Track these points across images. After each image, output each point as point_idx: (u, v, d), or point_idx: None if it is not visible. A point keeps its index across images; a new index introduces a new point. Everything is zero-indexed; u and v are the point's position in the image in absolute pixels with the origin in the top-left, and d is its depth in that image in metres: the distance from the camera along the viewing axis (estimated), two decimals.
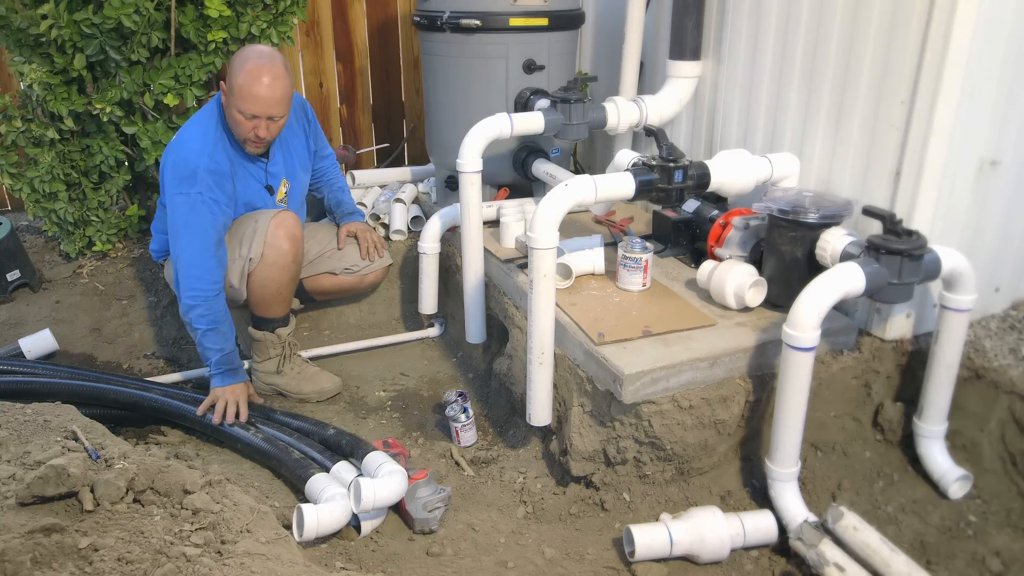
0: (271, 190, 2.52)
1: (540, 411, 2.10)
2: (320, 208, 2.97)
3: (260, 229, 2.40)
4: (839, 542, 1.75)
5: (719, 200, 2.46)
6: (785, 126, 2.37)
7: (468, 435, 2.41)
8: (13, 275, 3.00)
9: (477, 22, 2.69)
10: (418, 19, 2.87)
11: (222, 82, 2.29)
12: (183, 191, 2.26)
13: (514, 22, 2.71)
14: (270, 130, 2.30)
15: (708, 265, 2.21)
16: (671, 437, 1.96)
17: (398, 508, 2.03)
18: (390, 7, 3.82)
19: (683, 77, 2.70)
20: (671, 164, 2.11)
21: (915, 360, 2.13)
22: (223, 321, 2.33)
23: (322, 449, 2.20)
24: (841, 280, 1.78)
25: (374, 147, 4.00)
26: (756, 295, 2.13)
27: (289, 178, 2.59)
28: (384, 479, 1.93)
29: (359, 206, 3.28)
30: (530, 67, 2.80)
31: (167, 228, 2.38)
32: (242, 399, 2.32)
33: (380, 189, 3.49)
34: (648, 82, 3.03)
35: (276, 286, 2.47)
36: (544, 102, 2.66)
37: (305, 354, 2.80)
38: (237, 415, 2.29)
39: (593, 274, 2.41)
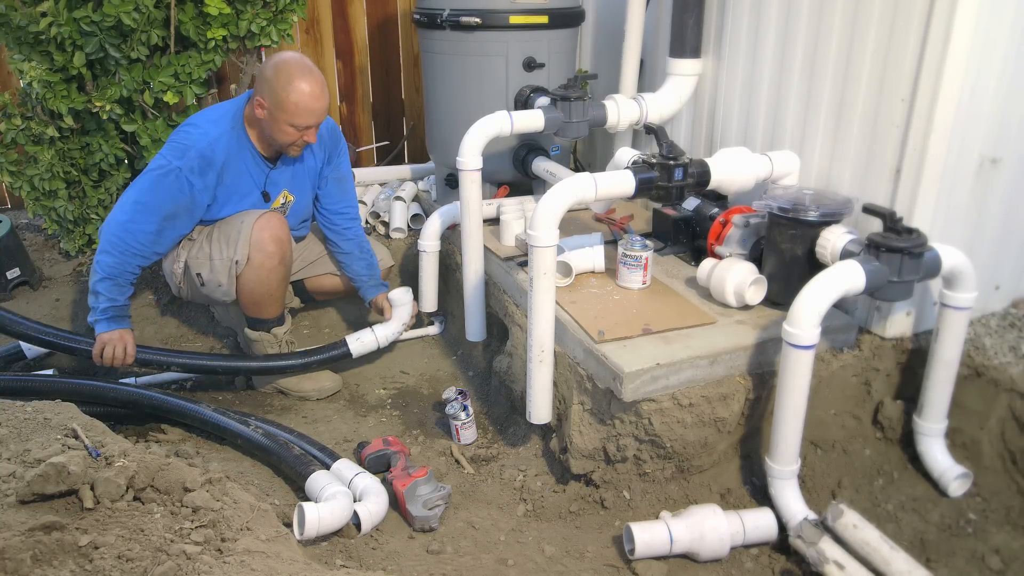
0: (267, 197, 2.51)
1: (540, 409, 2.10)
2: None
3: (245, 231, 2.39)
4: (839, 540, 1.75)
5: (719, 198, 2.46)
6: (785, 124, 2.37)
7: (468, 433, 2.41)
8: (13, 273, 3.00)
9: (477, 20, 2.68)
10: (418, 17, 2.86)
11: (259, 98, 2.27)
12: (168, 157, 2.31)
13: (514, 20, 2.71)
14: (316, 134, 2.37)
15: (708, 263, 2.21)
16: (671, 435, 1.96)
17: (398, 506, 2.03)
18: (390, 5, 3.81)
19: (683, 75, 2.69)
20: (671, 162, 2.11)
21: (915, 358, 2.13)
22: (125, 280, 2.36)
23: (322, 446, 2.20)
24: (841, 278, 1.78)
25: (374, 145, 4.00)
26: (756, 293, 2.13)
27: (295, 192, 2.57)
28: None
29: (358, 204, 3.28)
30: (530, 65, 2.80)
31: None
32: (129, 342, 2.37)
33: (380, 187, 3.49)
34: (648, 80, 3.03)
35: (265, 288, 2.46)
36: (544, 100, 2.66)
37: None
38: (125, 357, 2.37)
39: (593, 272, 2.41)
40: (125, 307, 2.40)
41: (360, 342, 2.66)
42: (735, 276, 2.12)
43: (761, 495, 2.02)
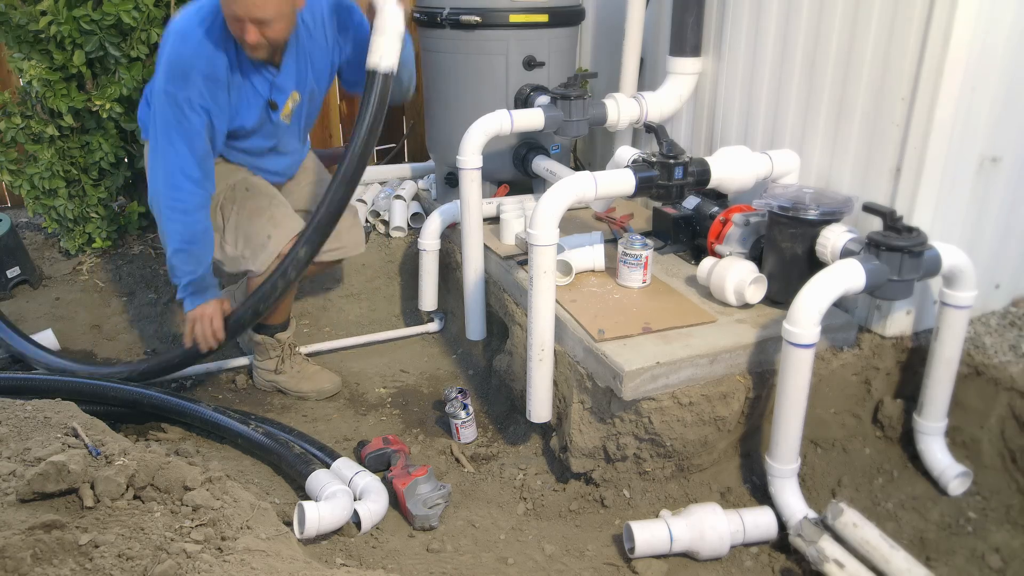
0: (274, 106, 2.27)
1: (540, 408, 2.10)
2: None
3: (272, 247, 2.30)
4: (839, 538, 1.75)
5: (719, 197, 2.45)
6: (785, 122, 2.37)
7: (468, 432, 2.42)
8: (13, 272, 3.00)
9: (477, 18, 2.68)
10: (418, 15, 2.86)
11: None
12: (172, 90, 2.05)
13: (514, 18, 2.71)
14: (263, 35, 2.02)
15: (708, 262, 2.21)
16: (671, 434, 1.96)
17: (398, 504, 2.03)
18: None
19: (683, 73, 2.69)
20: (671, 160, 2.10)
21: (915, 357, 2.13)
22: (199, 241, 2.18)
23: (322, 445, 2.20)
24: (841, 277, 1.78)
25: (375, 148, 3.99)
26: (756, 292, 2.13)
27: (299, 89, 2.32)
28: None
29: (358, 203, 3.28)
30: (530, 63, 2.79)
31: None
32: (216, 318, 2.21)
33: (380, 186, 3.49)
34: (648, 78, 3.02)
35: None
36: (544, 98, 2.66)
37: (305, 350, 2.80)
38: (215, 333, 2.22)
39: (593, 271, 2.41)
40: (207, 276, 2.23)
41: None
42: (735, 275, 2.12)
43: (761, 494, 2.02)
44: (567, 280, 2.31)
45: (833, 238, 1.97)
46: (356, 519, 1.93)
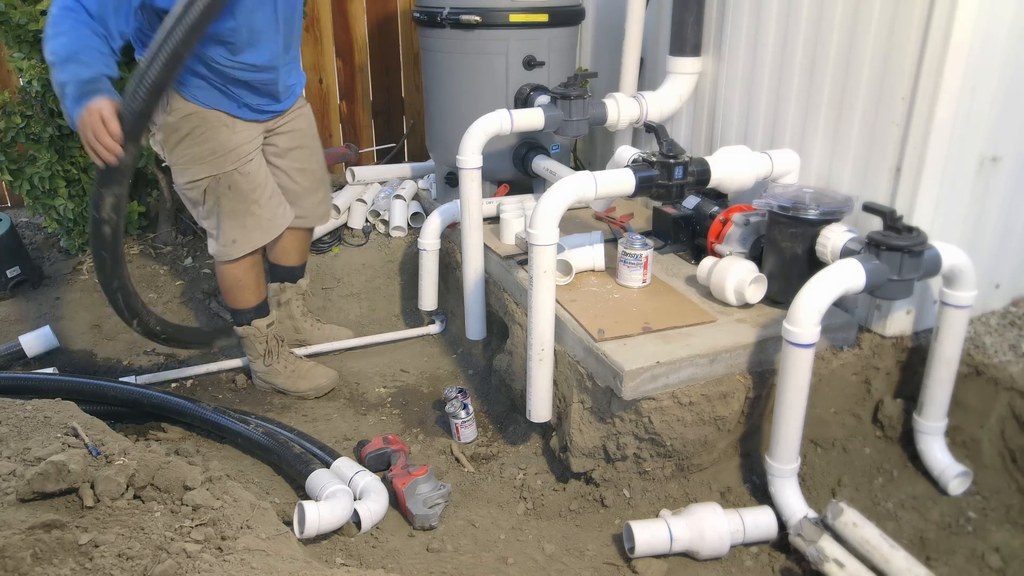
0: None
1: (540, 407, 2.10)
2: None
3: (231, 250, 2.33)
4: (839, 538, 1.75)
5: (719, 196, 2.46)
6: (785, 122, 2.36)
7: (468, 431, 2.42)
8: (13, 271, 3.00)
9: (477, 18, 2.68)
10: (418, 15, 2.86)
11: None
12: None
13: (514, 18, 2.71)
14: None
15: (708, 261, 2.21)
16: (671, 433, 1.96)
17: (398, 504, 2.03)
18: (390, 3, 3.81)
19: (683, 73, 2.69)
20: (671, 160, 2.10)
21: (915, 356, 2.13)
22: (89, 51, 1.87)
23: (322, 444, 2.20)
24: (841, 276, 1.78)
25: (374, 147, 3.99)
26: (756, 291, 2.13)
27: None
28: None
29: (358, 203, 3.28)
30: (530, 63, 2.79)
31: None
32: (105, 109, 1.85)
33: (380, 185, 3.49)
34: (648, 78, 3.02)
35: (232, 278, 2.44)
36: (544, 98, 2.66)
37: (305, 351, 2.80)
38: (108, 129, 1.87)
39: (593, 270, 2.41)
40: (95, 80, 1.88)
41: None
42: (735, 274, 2.12)
43: (761, 493, 2.02)
44: (567, 280, 2.31)
45: (833, 238, 1.97)
46: (356, 519, 1.93)
